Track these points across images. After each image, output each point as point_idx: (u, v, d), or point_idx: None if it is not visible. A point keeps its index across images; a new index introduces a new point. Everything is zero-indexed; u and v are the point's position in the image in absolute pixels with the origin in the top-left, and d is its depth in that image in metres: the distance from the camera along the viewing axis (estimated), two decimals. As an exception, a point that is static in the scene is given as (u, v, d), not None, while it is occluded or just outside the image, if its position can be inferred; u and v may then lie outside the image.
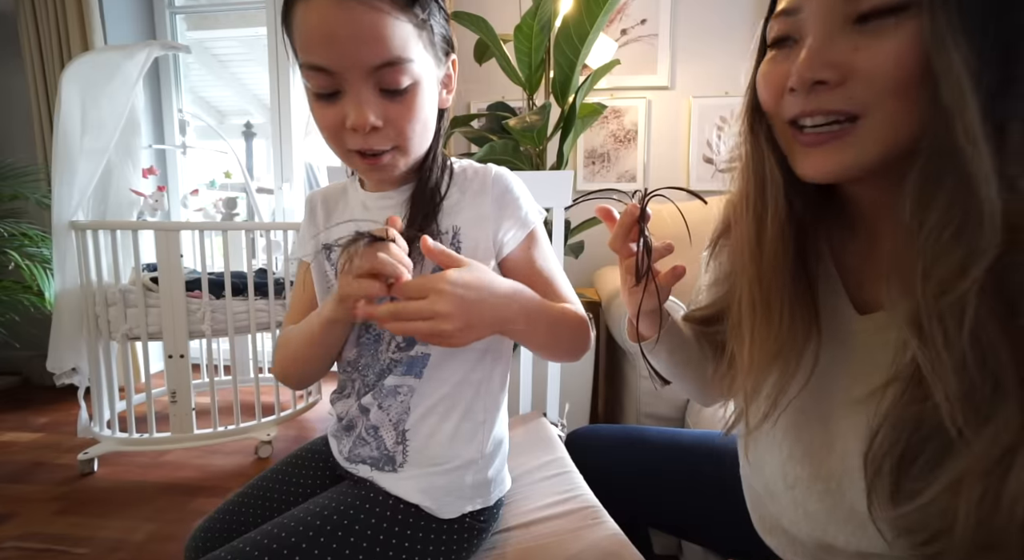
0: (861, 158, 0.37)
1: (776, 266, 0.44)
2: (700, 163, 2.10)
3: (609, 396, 1.73)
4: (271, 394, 1.81)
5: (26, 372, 2.38)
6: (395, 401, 0.57)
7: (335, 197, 0.65)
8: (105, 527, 1.28)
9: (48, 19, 2.17)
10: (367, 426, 0.58)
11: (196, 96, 2.73)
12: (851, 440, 0.42)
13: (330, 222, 0.64)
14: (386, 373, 0.57)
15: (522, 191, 0.61)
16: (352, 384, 0.61)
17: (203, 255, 1.55)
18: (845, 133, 0.37)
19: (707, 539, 0.70)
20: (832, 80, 0.36)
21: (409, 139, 0.52)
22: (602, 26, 1.44)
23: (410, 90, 0.50)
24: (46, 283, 1.96)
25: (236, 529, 0.59)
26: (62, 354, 1.57)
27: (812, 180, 0.40)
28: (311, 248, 0.63)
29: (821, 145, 0.38)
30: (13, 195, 2.14)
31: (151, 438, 1.57)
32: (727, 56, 2.05)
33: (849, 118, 0.36)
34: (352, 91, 0.48)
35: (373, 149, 0.51)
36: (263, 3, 2.42)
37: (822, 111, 0.37)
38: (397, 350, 0.57)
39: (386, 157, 0.52)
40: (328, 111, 0.50)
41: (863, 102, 0.35)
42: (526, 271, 0.60)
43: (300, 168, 2.58)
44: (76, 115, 1.56)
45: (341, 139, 0.51)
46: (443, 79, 0.56)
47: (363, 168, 0.54)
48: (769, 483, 0.50)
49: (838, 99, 0.36)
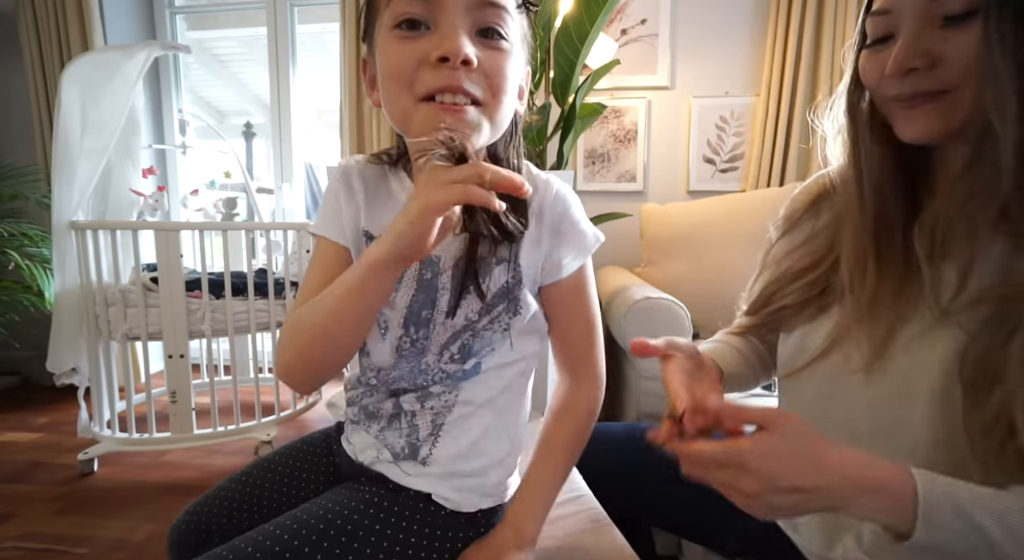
0: (951, 118, 0.44)
1: (885, 208, 0.50)
2: (700, 163, 2.10)
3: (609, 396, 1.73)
4: (271, 394, 1.81)
5: (26, 372, 2.38)
6: (438, 401, 0.55)
7: (375, 180, 0.57)
8: (105, 527, 1.28)
9: (48, 19, 2.17)
10: (404, 413, 0.56)
11: (196, 96, 2.73)
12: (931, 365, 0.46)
13: (373, 207, 0.55)
14: (431, 381, 0.55)
15: (581, 215, 0.56)
16: (385, 388, 0.57)
17: (203, 255, 1.55)
18: (938, 97, 0.44)
19: (707, 538, 0.70)
20: (923, 66, 0.44)
21: (498, 93, 0.46)
22: (602, 26, 1.44)
23: (506, 45, 0.46)
24: (46, 283, 1.96)
25: (227, 517, 0.57)
26: (62, 354, 1.57)
27: (910, 139, 0.48)
28: (349, 231, 0.55)
29: (917, 108, 0.46)
30: (13, 195, 2.14)
31: (151, 438, 1.57)
32: (727, 56, 2.05)
33: (942, 91, 0.44)
34: (448, 19, 0.44)
35: (457, 88, 0.44)
36: (263, 3, 2.42)
37: (916, 93, 0.45)
38: (450, 362, 0.54)
39: (467, 111, 0.45)
40: (410, 45, 0.44)
41: (950, 82, 0.43)
42: (567, 311, 0.57)
43: (300, 168, 2.58)
44: (76, 115, 1.56)
45: (415, 79, 0.44)
46: (521, 81, 0.52)
47: (435, 115, 0.45)
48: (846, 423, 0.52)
49: (929, 81, 0.44)
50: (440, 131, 0.41)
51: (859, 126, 0.52)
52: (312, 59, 2.59)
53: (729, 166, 2.08)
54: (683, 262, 1.67)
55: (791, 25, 1.87)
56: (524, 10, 0.49)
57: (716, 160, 2.09)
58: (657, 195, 2.14)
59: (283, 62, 2.45)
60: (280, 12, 2.41)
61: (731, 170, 2.07)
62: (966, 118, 0.44)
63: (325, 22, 2.47)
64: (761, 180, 1.97)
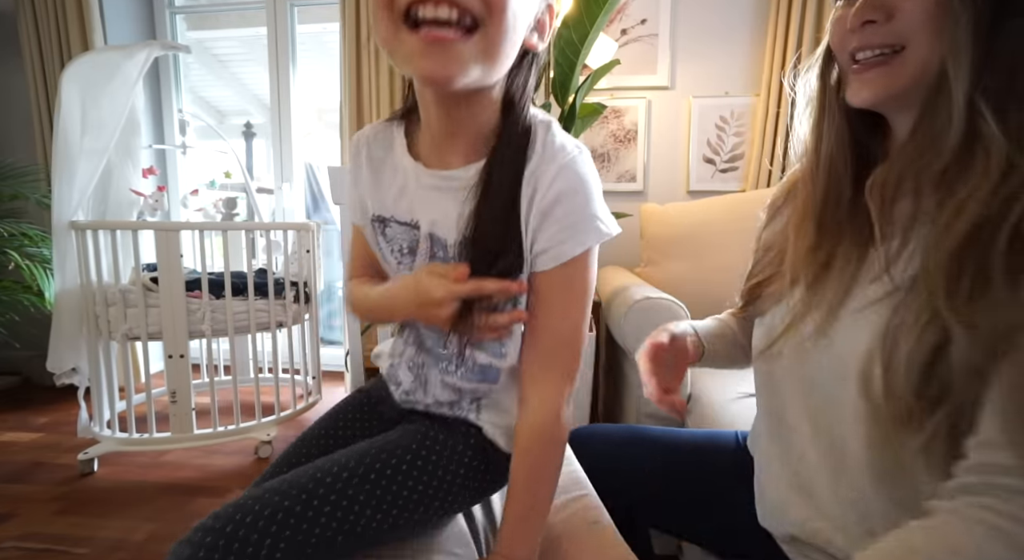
0: (897, 81, 0.45)
1: (835, 179, 0.51)
2: (700, 163, 2.10)
3: (609, 396, 1.73)
4: (271, 394, 1.81)
5: (26, 372, 2.38)
6: (476, 393, 0.57)
7: (382, 150, 0.55)
8: (105, 527, 1.28)
9: (48, 19, 2.17)
10: (442, 403, 0.58)
11: (196, 96, 2.73)
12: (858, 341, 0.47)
13: (378, 186, 0.55)
14: (456, 373, 0.56)
15: (587, 201, 0.48)
16: (419, 372, 0.59)
17: (203, 255, 1.55)
18: (888, 61, 0.45)
19: (706, 539, 0.70)
20: (880, 19, 0.45)
21: (495, 15, 0.39)
22: (602, 26, 1.44)
23: None
24: (46, 283, 1.96)
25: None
26: (62, 354, 1.57)
27: (860, 104, 0.48)
28: (359, 213, 0.58)
29: (870, 70, 0.47)
30: (13, 195, 2.14)
31: (151, 438, 1.57)
32: (727, 56, 2.05)
33: (895, 50, 0.45)
34: None
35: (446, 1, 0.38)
36: (263, 3, 2.42)
37: (872, 45, 0.46)
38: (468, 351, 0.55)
39: (455, 35, 0.39)
40: None
41: (904, 35, 0.44)
42: (545, 307, 0.51)
43: (300, 168, 2.58)
44: (76, 115, 1.56)
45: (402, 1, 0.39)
46: (537, 13, 0.46)
47: (419, 47, 0.40)
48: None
49: (885, 33, 0.45)
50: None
51: (827, 93, 0.53)
52: (312, 59, 2.59)
53: (729, 166, 2.07)
54: (683, 262, 1.67)
55: (791, 25, 1.87)
56: None
57: (716, 160, 2.09)
58: (657, 195, 2.14)
59: (283, 62, 2.45)
60: (280, 12, 2.41)
61: (731, 170, 2.07)
62: (912, 79, 0.44)
63: (325, 22, 2.47)
64: (761, 180, 1.97)
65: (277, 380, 1.82)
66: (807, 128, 0.56)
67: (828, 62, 0.53)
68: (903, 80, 0.45)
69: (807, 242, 0.52)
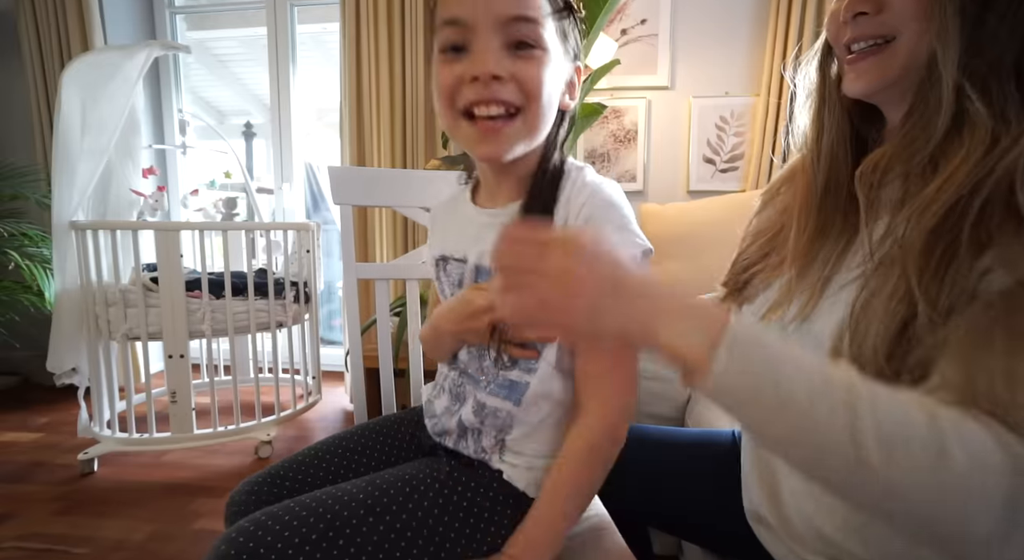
0: (889, 71, 0.46)
1: (835, 170, 0.52)
2: (700, 163, 2.10)
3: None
4: (271, 394, 1.81)
5: (26, 372, 2.38)
6: (496, 420, 0.57)
7: (453, 205, 0.66)
8: (105, 527, 1.28)
9: (48, 19, 2.17)
10: (470, 430, 0.58)
11: (196, 96, 2.73)
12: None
13: (446, 233, 0.65)
14: (487, 389, 0.57)
15: (618, 226, 0.52)
16: (458, 391, 0.61)
17: (203, 255, 1.55)
18: (880, 50, 0.46)
19: (706, 539, 0.70)
20: (871, 10, 0.46)
21: (532, 102, 0.50)
22: (602, 26, 1.44)
23: (539, 53, 0.50)
24: (46, 283, 1.96)
25: (291, 482, 0.60)
26: (62, 354, 1.57)
27: (855, 94, 0.49)
28: (429, 257, 0.67)
29: (863, 61, 0.48)
30: (13, 195, 2.14)
31: (151, 438, 1.57)
32: (727, 56, 2.05)
33: (887, 40, 0.46)
34: (480, 42, 0.49)
35: (492, 99, 0.49)
36: (263, 3, 2.42)
37: (864, 36, 0.47)
38: (503, 368, 0.57)
39: (502, 123, 0.50)
40: (453, 66, 0.50)
41: (895, 26, 0.45)
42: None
43: (300, 168, 2.58)
44: (76, 115, 1.57)
45: (456, 97, 0.50)
46: (567, 79, 0.55)
47: (474, 135, 0.51)
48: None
49: (876, 24, 0.46)
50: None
51: (827, 85, 0.54)
52: (312, 59, 2.59)
53: (729, 166, 2.08)
54: (683, 262, 1.67)
55: (791, 25, 1.87)
56: (562, 15, 0.52)
57: (716, 160, 2.09)
58: (657, 195, 2.14)
59: (283, 62, 2.45)
60: (280, 12, 2.41)
61: (731, 170, 2.07)
62: (904, 68, 0.45)
63: (325, 22, 2.47)
64: (761, 180, 1.97)
65: (277, 380, 1.82)
66: (808, 120, 0.56)
67: (827, 55, 0.54)
68: (895, 70, 0.46)
69: (804, 231, 0.53)
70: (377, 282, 0.91)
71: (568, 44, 0.54)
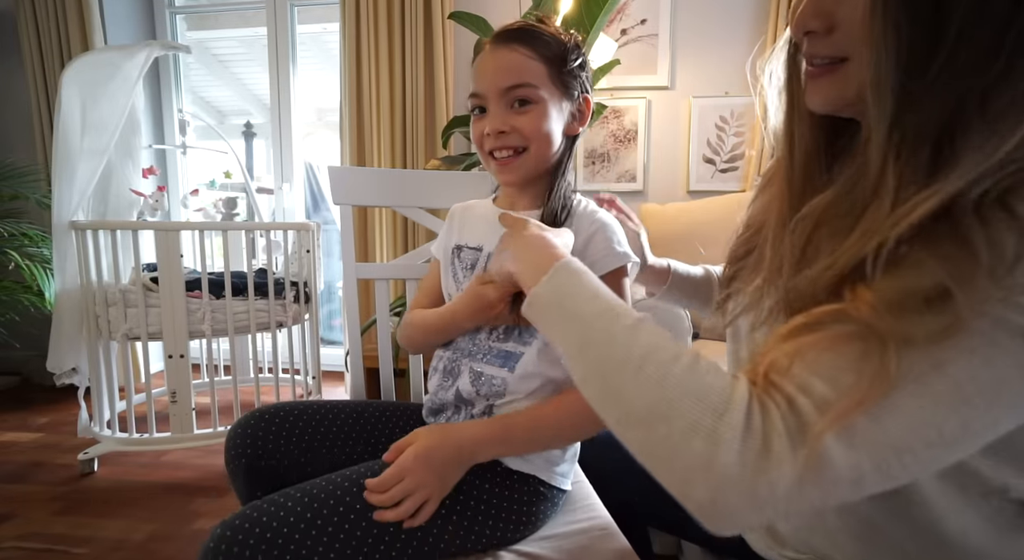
0: (845, 92, 0.43)
1: (809, 177, 0.50)
2: (700, 163, 2.10)
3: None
4: (271, 394, 1.81)
5: (26, 372, 2.38)
6: (490, 388, 0.66)
7: (471, 209, 0.80)
8: (105, 527, 1.28)
9: (48, 19, 2.17)
10: (464, 403, 0.67)
11: (196, 96, 2.73)
12: None
13: (464, 229, 0.77)
14: (483, 359, 0.67)
15: (614, 239, 0.67)
16: (452, 366, 0.70)
17: (203, 255, 1.55)
18: (835, 69, 0.43)
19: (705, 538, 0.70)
20: (821, 29, 0.42)
21: (532, 142, 0.66)
22: (602, 26, 1.44)
23: (535, 107, 0.65)
24: (46, 283, 1.96)
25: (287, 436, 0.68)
26: (62, 354, 1.57)
27: (813, 108, 0.47)
28: (442, 251, 0.78)
29: (821, 77, 0.44)
30: (13, 195, 2.14)
31: (151, 438, 1.57)
32: (727, 56, 2.05)
33: (841, 60, 0.42)
34: (491, 106, 0.66)
35: (502, 147, 0.66)
36: (263, 3, 2.42)
37: (818, 55, 0.44)
38: (496, 340, 0.68)
39: (511, 160, 0.67)
40: (478, 123, 0.68)
41: (844, 48, 0.41)
42: None
43: (300, 168, 2.58)
44: (76, 115, 1.56)
45: (483, 144, 0.68)
46: (573, 111, 0.69)
47: (495, 168, 0.69)
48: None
49: (827, 45, 0.42)
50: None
51: (794, 85, 0.50)
52: (312, 59, 2.59)
53: (729, 166, 2.08)
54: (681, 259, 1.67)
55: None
56: (552, 64, 0.65)
57: (716, 160, 2.09)
58: (657, 195, 2.14)
59: (283, 62, 2.45)
60: (280, 12, 2.41)
61: (731, 170, 2.07)
62: (859, 90, 0.40)
63: (325, 22, 2.47)
64: (761, 180, 1.97)
65: (277, 380, 1.82)
66: (780, 124, 0.54)
67: (793, 52, 0.50)
68: (851, 91, 0.42)
69: (776, 232, 0.51)
70: (377, 282, 0.91)
71: (571, 88, 0.67)
